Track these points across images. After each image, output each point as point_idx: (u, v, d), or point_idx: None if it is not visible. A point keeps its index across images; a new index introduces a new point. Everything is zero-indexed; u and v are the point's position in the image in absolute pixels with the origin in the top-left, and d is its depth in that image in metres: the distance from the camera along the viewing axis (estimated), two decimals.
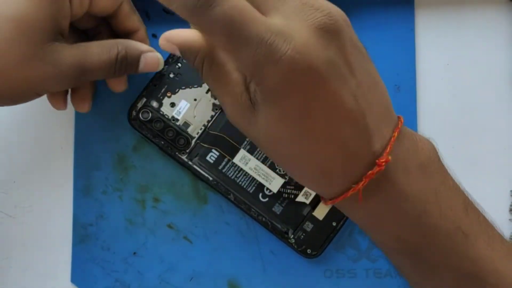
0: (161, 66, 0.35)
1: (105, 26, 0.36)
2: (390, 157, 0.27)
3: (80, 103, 0.36)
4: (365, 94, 0.27)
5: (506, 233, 0.37)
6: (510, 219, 0.39)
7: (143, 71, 0.34)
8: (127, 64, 0.33)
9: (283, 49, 0.24)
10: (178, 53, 0.29)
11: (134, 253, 0.39)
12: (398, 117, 0.30)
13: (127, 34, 0.36)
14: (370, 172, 0.27)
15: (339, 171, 0.28)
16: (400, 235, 0.30)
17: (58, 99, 0.35)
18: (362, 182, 0.28)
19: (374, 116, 0.28)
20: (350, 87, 0.26)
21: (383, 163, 0.27)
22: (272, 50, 0.24)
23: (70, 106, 0.38)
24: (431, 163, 0.29)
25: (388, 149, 0.28)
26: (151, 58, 0.34)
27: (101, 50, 0.32)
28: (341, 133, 0.27)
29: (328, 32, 0.26)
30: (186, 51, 0.29)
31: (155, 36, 0.39)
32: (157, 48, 0.31)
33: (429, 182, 0.29)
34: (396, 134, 0.28)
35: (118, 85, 0.36)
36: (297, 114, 0.26)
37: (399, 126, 0.29)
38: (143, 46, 0.34)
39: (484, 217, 0.31)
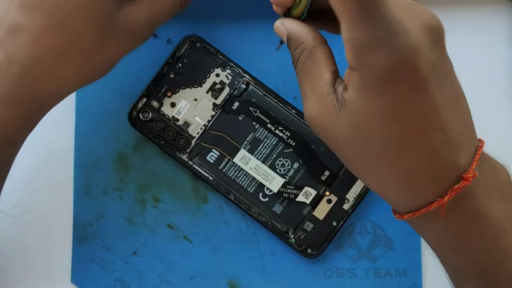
0: None
1: None
2: (476, 173, 0.27)
3: None
4: (456, 106, 0.27)
5: None
6: None
7: None
8: None
9: (400, 39, 0.24)
10: (285, 39, 0.29)
11: (134, 253, 0.39)
12: (479, 140, 0.29)
13: None
14: (457, 186, 0.26)
15: (424, 180, 0.27)
16: (477, 258, 0.29)
17: None
18: (448, 196, 0.26)
19: (462, 130, 0.27)
20: (446, 94, 0.26)
21: (470, 178, 0.26)
22: (391, 38, 0.24)
23: (70, 107, 0.39)
24: (508, 188, 0.29)
25: (473, 165, 0.27)
26: None
27: None
28: (433, 140, 0.26)
29: (436, 34, 0.25)
30: (294, 38, 0.29)
31: (155, 36, 0.39)
32: (157, 50, 0.31)
33: (507, 207, 0.28)
34: (480, 152, 0.28)
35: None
36: (394, 111, 0.25)
37: (481, 145, 0.28)
38: None
39: None
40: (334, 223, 0.37)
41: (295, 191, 0.38)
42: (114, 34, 0.30)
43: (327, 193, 0.38)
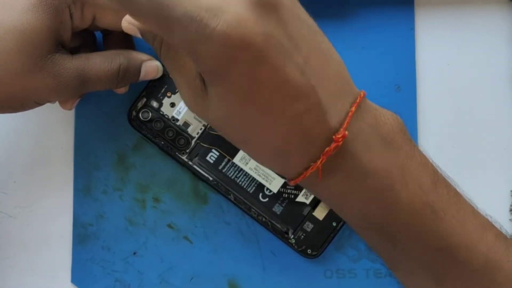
0: (160, 73, 0.36)
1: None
2: (347, 132, 0.27)
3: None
4: (315, 69, 0.26)
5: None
6: (510, 219, 0.39)
7: (144, 79, 0.35)
8: (129, 75, 0.34)
9: (213, 24, 0.23)
10: (139, 35, 0.29)
11: (134, 253, 0.39)
12: (361, 92, 0.29)
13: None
14: (327, 148, 0.27)
15: (295, 150, 0.27)
16: (365, 212, 0.29)
17: (65, 102, 0.35)
18: (320, 160, 0.27)
19: (328, 91, 0.27)
20: (296, 62, 0.26)
21: (340, 139, 0.26)
22: (202, 27, 0.23)
23: None
24: (395, 137, 0.29)
25: (345, 124, 0.27)
26: (151, 67, 0.35)
27: (103, 61, 0.32)
28: (291, 110, 0.26)
29: (265, 5, 0.24)
30: (146, 32, 0.29)
31: None
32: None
33: (393, 157, 0.28)
34: (354, 109, 0.27)
35: (120, 88, 0.36)
36: (241, 93, 0.25)
37: (358, 100, 0.28)
38: (144, 56, 0.34)
39: (455, 192, 0.30)
40: (334, 224, 0.37)
41: (295, 191, 0.38)
42: (40, 69, 0.30)
43: None
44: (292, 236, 0.38)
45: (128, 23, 0.29)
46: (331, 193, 0.30)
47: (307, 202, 0.37)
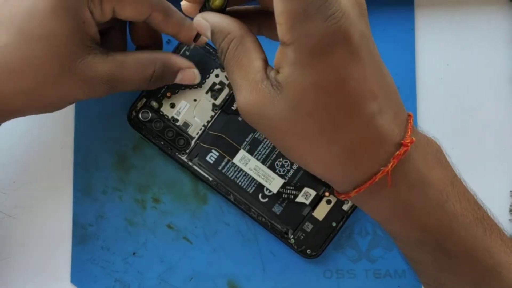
0: (197, 80, 0.35)
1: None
2: (414, 138, 0.27)
3: None
4: (386, 76, 0.27)
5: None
6: (510, 219, 0.39)
7: (179, 83, 0.35)
8: (162, 80, 0.34)
9: (335, 8, 0.24)
10: (209, 34, 0.29)
11: (134, 253, 0.39)
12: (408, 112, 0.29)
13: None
14: (398, 152, 0.26)
15: (366, 151, 0.27)
16: (426, 223, 0.29)
17: None
18: (391, 164, 0.26)
19: (393, 99, 0.27)
20: (376, 64, 0.26)
21: (409, 144, 0.27)
22: (327, 6, 0.24)
23: (70, 107, 0.38)
24: (442, 155, 0.29)
25: (409, 132, 0.27)
26: (188, 75, 0.35)
27: (137, 67, 0.32)
28: (369, 109, 0.26)
29: (360, 4, 0.26)
30: (218, 31, 0.28)
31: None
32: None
33: (445, 171, 0.29)
34: (411, 120, 0.28)
35: None
36: (331, 80, 0.25)
37: (411, 115, 0.28)
38: (183, 63, 0.34)
39: (489, 212, 0.31)
40: (334, 224, 0.37)
41: (294, 192, 0.38)
42: (71, 75, 0.30)
43: (327, 193, 0.38)
44: (292, 236, 0.38)
45: (202, 18, 0.29)
46: (393, 203, 0.29)
47: (307, 202, 0.37)
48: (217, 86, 0.38)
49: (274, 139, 0.28)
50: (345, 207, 0.38)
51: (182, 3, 0.30)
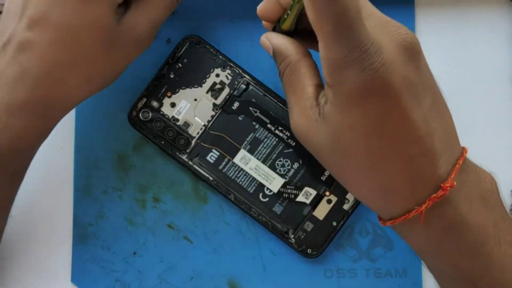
0: None
1: None
2: (455, 183, 0.27)
3: None
4: (435, 117, 0.28)
5: None
6: None
7: None
8: None
9: (373, 59, 0.25)
10: (271, 53, 0.31)
11: (134, 253, 0.39)
12: (463, 148, 0.30)
13: None
14: (434, 195, 0.27)
15: (402, 190, 0.28)
16: (459, 264, 0.29)
17: None
18: (426, 205, 0.27)
19: (441, 140, 0.28)
20: (422, 107, 0.27)
21: (448, 188, 0.27)
22: (364, 58, 0.25)
23: None
24: (492, 196, 0.29)
25: (453, 174, 0.28)
26: None
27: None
28: (408, 152, 0.27)
29: (410, 50, 0.26)
30: (278, 53, 0.30)
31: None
32: (156, 50, 0.31)
33: (490, 215, 0.29)
34: (460, 162, 0.28)
35: None
36: (368, 125, 0.26)
37: (464, 155, 0.29)
38: None
39: None
40: (334, 223, 0.37)
41: (295, 191, 0.38)
42: (117, 43, 0.32)
43: (327, 193, 0.38)
44: (292, 236, 0.37)
45: (266, 39, 0.31)
46: (428, 241, 0.29)
47: (307, 202, 0.37)
48: (218, 86, 0.38)
49: (319, 160, 0.30)
50: (346, 206, 0.38)
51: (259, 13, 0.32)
